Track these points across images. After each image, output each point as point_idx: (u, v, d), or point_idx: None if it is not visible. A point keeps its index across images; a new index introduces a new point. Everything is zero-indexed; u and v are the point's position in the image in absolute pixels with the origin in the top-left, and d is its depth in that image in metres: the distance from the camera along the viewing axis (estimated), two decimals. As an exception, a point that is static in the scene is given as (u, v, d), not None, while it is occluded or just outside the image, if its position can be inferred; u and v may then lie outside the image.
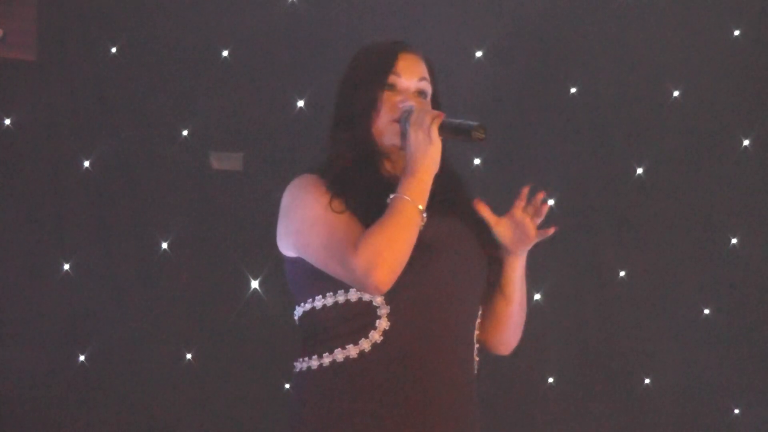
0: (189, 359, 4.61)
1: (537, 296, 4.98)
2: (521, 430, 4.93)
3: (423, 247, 2.30)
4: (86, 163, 4.56)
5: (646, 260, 5.03)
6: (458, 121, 2.34)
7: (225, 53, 4.71)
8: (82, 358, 4.49)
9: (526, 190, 2.43)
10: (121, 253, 4.57)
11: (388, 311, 2.30)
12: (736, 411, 5.05)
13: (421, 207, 2.27)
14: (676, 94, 5.08)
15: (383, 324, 2.30)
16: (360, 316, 2.31)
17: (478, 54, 4.94)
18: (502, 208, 4.91)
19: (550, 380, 4.95)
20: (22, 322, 4.47)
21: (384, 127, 2.39)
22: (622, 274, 5.02)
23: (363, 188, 2.35)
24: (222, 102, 4.70)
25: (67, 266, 4.51)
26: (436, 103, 2.47)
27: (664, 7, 5.06)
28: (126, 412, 4.53)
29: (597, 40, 5.02)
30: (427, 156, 2.30)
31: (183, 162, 4.66)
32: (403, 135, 2.35)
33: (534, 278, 4.56)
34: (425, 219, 2.29)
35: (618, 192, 5.03)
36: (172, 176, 4.62)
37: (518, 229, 2.40)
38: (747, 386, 5.05)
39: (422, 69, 2.44)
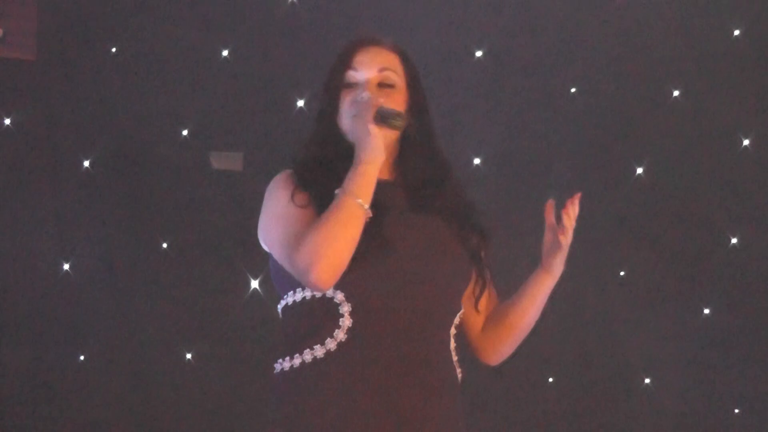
0: (189, 359, 4.64)
1: None
2: (522, 429, 4.94)
3: (382, 242, 2.29)
4: (86, 163, 4.61)
5: (645, 260, 5.02)
6: (387, 109, 2.30)
7: (225, 53, 4.74)
8: (82, 357, 4.54)
9: (550, 212, 2.36)
10: (121, 253, 4.62)
11: (350, 309, 2.29)
12: (737, 411, 5.04)
13: (361, 201, 2.23)
14: (676, 93, 5.08)
15: (347, 322, 2.28)
16: (324, 314, 2.30)
17: (478, 54, 4.95)
18: (501, 207, 4.69)
19: (551, 380, 4.95)
20: (22, 322, 4.54)
21: (346, 124, 2.39)
22: (622, 273, 5.02)
23: (327, 183, 2.33)
24: (222, 102, 4.73)
25: (66, 266, 4.55)
26: (415, 92, 2.43)
27: (663, 7, 5.08)
28: (125, 411, 4.57)
29: (597, 40, 5.03)
30: (366, 147, 2.26)
31: (183, 162, 4.70)
32: (351, 129, 2.36)
33: None
34: (369, 213, 2.24)
35: (618, 192, 5.02)
36: (172, 176, 4.66)
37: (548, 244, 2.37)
38: (747, 386, 5.04)
39: (383, 59, 2.41)
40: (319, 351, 2.26)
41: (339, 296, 2.27)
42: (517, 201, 4.94)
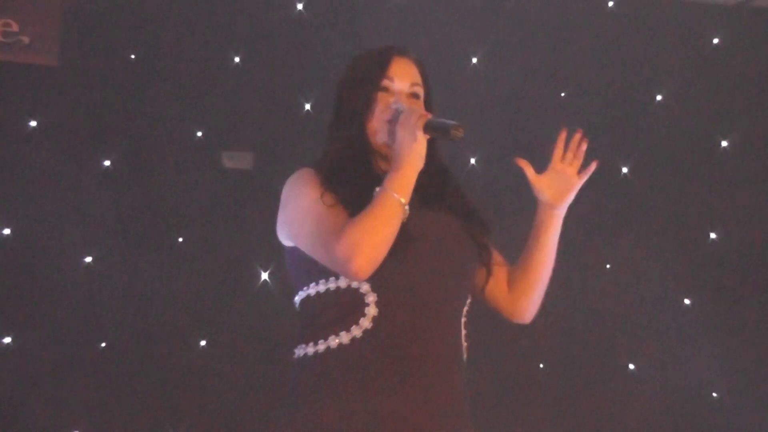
0: (203, 346, 4.68)
1: None
2: (514, 411, 4.99)
3: (408, 237, 2.32)
4: (106, 162, 4.66)
5: (630, 253, 5.11)
6: (441, 120, 2.35)
7: (237, 59, 4.80)
8: (103, 344, 4.58)
9: (563, 136, 2.45)
10: (139, 247, 4.67)
11: (376, 299, 2.32)
12: (715, 395, 5.15)
13: (403, 200, 2.27)
14: (659, 97, 5.20)
15: (372, 311, 2.31)
16: (350, 303, 2.32)
17: (474, 60, 5.03)
18: (497, 204, 4.79)
19: (541, 365, 5.04)
20: (47, 311, 4.56)
21: (377, 127, 2.42)
22: (608, 266, 5.12)
23: (354, 183, 2.36)
24: (234, 105, 4.79)
25: (88, 259, 4.60)
26: (429, 104, 2.49)
27: (648, 16, 5.17)
28: (143, 396, 4.61)
29: (585, 47, 5.10)
30: (411, 153, 2.30)
31: (197, 161, 4.75)
32: (393, 134, 2.37)
33: None
34: (407, 212, 2.29)
35: (605, 190, 5.10)
36: (187, 174, 4.72)
37: (560, 178, 2.46)
38: (726, 372, 5.13)
39: (414, 73, 2.46)
40: (345, 337, 2.30)
41: (365, 287, 2.30)
42: (509, 197, 4.90)
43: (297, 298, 2.40)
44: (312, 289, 2.35)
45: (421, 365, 2.29)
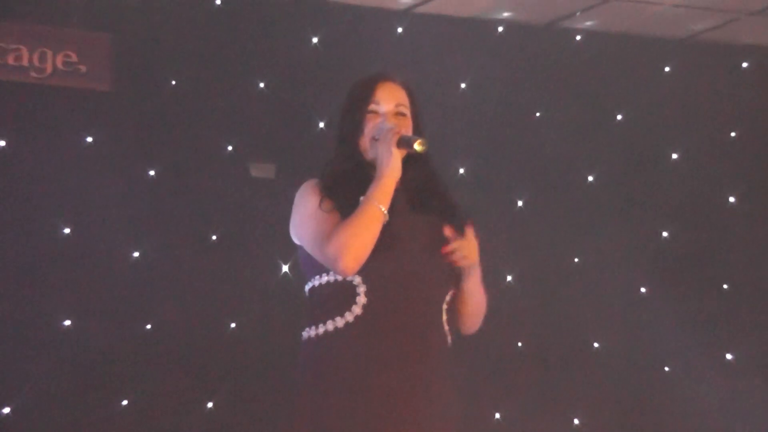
0: (233, 327, 4.88)
1: (509, 278, 5.20)
2: (496, 385, 5.18)
3: (394, 236, 2.41)
4: (151, 172, 4.84)
5: (595, 249, 5.31)
6: (408, 136, 2.43)
7: (261, 84, 4.98)
8: (148, 326, 4.79)
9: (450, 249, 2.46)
10: (178, 243, 4.84)
11: (366, 289, 2.41)
12: (667, 369, 5.38)
13: (383, 207, 2.37)
14: (619, 117, 5.44)
15: (362, 300, 2.40)
16: (344, 293, 2.41)
17: (463, 85, 5.24)
18: (481, 204, 4.94)
19: (519, 344, 5.25)
20: (101, 299, 4.74)
21: (367, 145, 2.50)
22: (576, 260, 5.33)
23: (349, 192, 2.45)
24: (259, 123, 4.94)
25: (136, 254, 4.79)
26: (417, 120, 2.54)
27: (610, 48, 5.36)
28: (181, 370, 4.78)
29: (557, 74, 5.28)
30: (389, 165, 2.40)
31: (228, 171, 4.92)
32: (375, 149, 2.46)
33: (507, 263, 5.07)
34: (387, 216, 2.38)
35: (573, 194, 5.31)
36: (219, 182, 4.88)
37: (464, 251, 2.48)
38: (675, 349, 5.32)
39: (399, 94, 2.52)
40: (339, 322, 2.42)
41: (357, 279, 2.42)
42: (493, 200, 5.15)
43: (306, 288, 2.52)
44: (317, 281, 2.47)
45: (404, 345, 2.40)
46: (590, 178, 5.46)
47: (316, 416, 2.42)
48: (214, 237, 4.87)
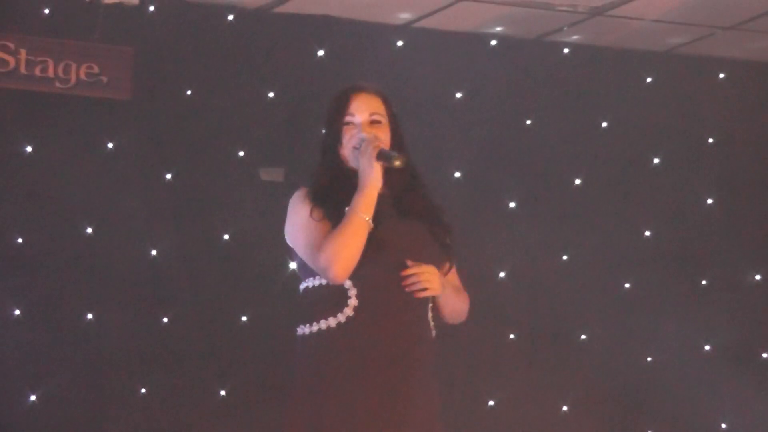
0: (244, 320, 4.98)
1: (502, 274, 5.31)
2: (489, 374, 5.30)
3: (379, 241, 2.50)
4: (168, 176, 4.94)
5: (582, 247, 5.37)
6: (388, 151, 2.52)
7: (271, 94, 5.07)
8: (165, 320, 4.89)
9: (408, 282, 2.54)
10: (193, 242, 4.93)
11: (356, 292, 2.52)
12: (649, 359, 5.45)
13: (367, 217, 2.46)
14: (604, 124, 5.49)
15: (353, 302, 2.51)
16: (336, 296, 2.52)
17: (458, 95, 5.31)
18: (476, 207, 5.14)
19: (512, 336, 5.34)
20: (120, 294, 4.83)
21: (348, 154, 2.60)
22: (564, 257, 5.40)
23: (337, 200, 2.53)
24: (268, 130, 5.03)
25: (154, 252, 4.89)
26: (394, 125, 2.61)
27: (596, 60, 5.44)
28: (196, 359, 4.86)
29: (546, 84, 5.35)
30: (370, 177, 2.48)
31: (239, 174, 4.98)
32: (357, 160, 2.55)
33: (500, 260, 5.19)
34: (372, 225, 2.48)
35: (562, 196, 5.38)
36: (231, 185, 4.96)
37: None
38: (656, 340, 5.42)
39: (374, 103, 2.59)
40: (332, 322, 2.53)
41: (348, 283, 2.53)
42: (487, 201, 5.24)
43: (301, 287, 2.63)
44: (310, 282, 2.59)
45: (394, 342, 2.52)
46: (577, 181, 5.50)
47: (311, 409, 2.53)
48: (226, 236, 4.98)
